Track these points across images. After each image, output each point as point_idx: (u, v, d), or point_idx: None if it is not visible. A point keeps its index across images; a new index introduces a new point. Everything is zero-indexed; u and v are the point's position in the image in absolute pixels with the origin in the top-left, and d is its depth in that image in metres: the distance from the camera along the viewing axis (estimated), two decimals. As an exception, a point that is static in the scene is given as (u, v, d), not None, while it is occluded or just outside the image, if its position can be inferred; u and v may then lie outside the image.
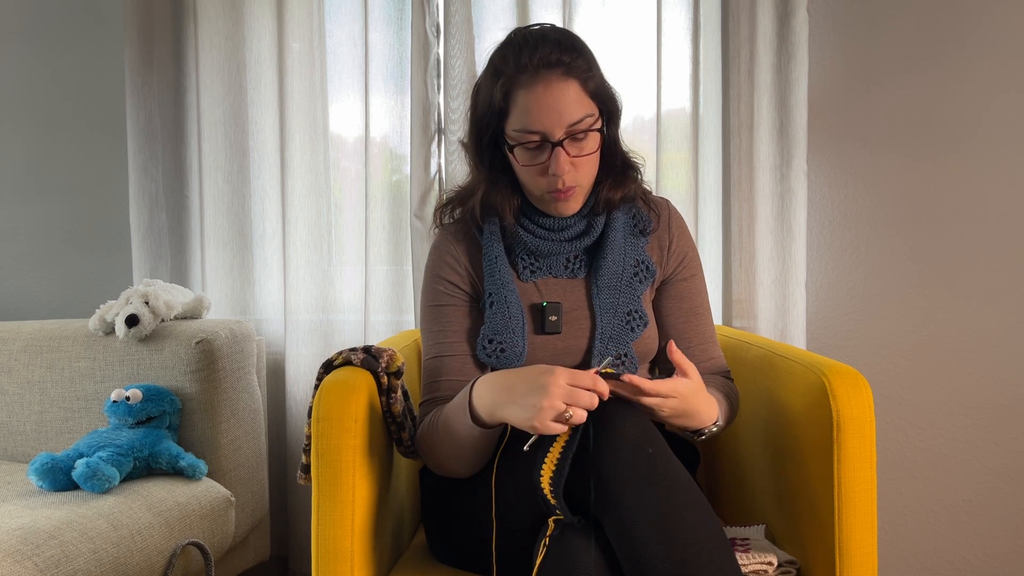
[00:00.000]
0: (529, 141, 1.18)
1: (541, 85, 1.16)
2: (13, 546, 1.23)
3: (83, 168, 2.17)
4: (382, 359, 1.19)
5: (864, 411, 1.11)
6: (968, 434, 1.84)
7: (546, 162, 1.18)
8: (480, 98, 1.25)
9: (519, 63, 1.17)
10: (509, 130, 1.20)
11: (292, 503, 2.00)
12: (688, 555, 0.95)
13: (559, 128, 1.16)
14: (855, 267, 1.86)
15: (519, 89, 1.17)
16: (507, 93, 1.18)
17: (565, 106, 1.16)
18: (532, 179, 1.22)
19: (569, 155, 1.18)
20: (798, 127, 1.76)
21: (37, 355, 1.82)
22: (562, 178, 1.18)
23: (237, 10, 1.96)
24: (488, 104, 1.21)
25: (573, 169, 1.19)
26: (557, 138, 1.17)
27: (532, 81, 1.16)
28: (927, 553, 1.87)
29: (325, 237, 2.00)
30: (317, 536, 1.11)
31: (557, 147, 1.17)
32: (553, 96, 1.16)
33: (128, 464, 1.55)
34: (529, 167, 1.20)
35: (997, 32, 1.78)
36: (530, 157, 1.20)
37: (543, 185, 1.21)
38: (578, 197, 1.24)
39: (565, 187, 1.20)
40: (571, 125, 1.17)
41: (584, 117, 1.17)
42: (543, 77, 1.16)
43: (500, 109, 1.19)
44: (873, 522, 1.11)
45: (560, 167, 1.17)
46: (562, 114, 1.16)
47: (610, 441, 1.02)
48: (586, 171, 1.22)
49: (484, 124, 1.24)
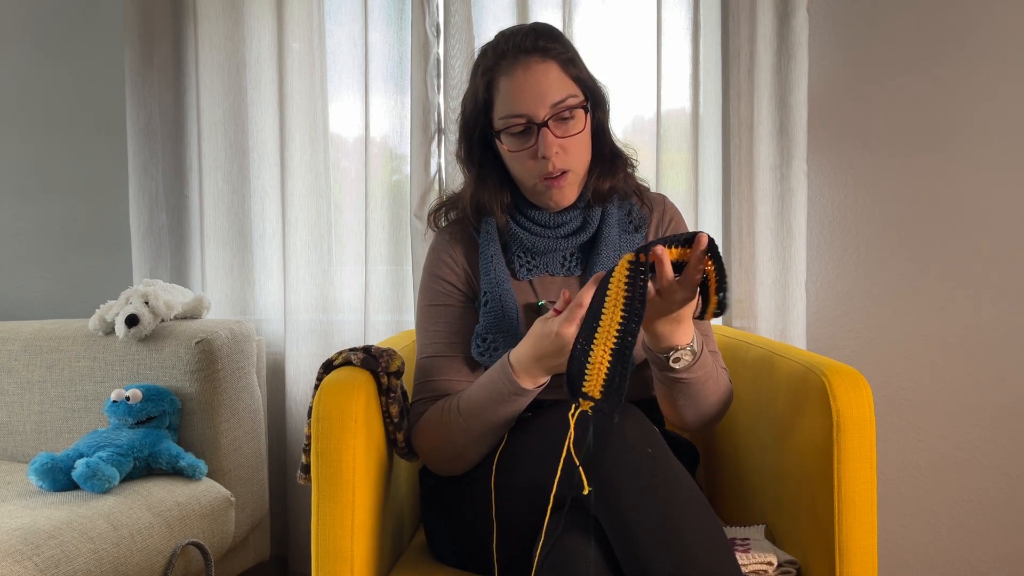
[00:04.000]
0: (514, 125, 1.19)
1: (520, 68, 1.19)
2: (13, 546, 1.23)
3: (83, 168, 2.17)
4: (382, 359, 1.19)
5: (864, 411, 1.11)
6: (968, 434, 1.84)
7: (534, 145, 1.19)
8: (466, 99, 1.28)
9: (497, 52, 1.21)
10: (495, 120, 1.22)
11: (292, 503, 2.00)
12: (688, 555, 0.95)
13: (542, 108, 1.18)
14: (855, 267, 1.86)
15: (500, 77, 1.20)
16: (489, 83, 1.21)
17: (547, 86, 1.18)
18: (523, 166, 1.22)
19: (556, 136, 1.19)
20: (798, 127, 1.76)
21: (37, 355, 1.82)
22: (551, 160, 1.19)
23: (237, 10, 1.96)
24: (473, 100, 1.24)
25: (562, 152, 1.20)
26: (542, 118, 1.18)
27: (511, 66, 1.19)
28: (927, 553, 1.87)
29: (325, 237, 2.00)
30: (317, 536, 1.11)
31: (543, 127, 1.18)
32: (534, 78, 1.18)
33: (128, 464, 1.55)
34: (518, 153, 1.21)
35: (997, 32, 1.78)
36: (518, 143, 1.21)
37: (534, 171, 1.21)
38: (572, 184, 1.24)
39: (556, 170, 1.20)
40: (554, 104, 1.18)
41: (567, 97, 1.19)
42: (521, 61, 1.19)
43: (484, 101, 1.22)
44: (873, 522, 1.11)
45: (548, 147, 1.18)
46: (544, 94, 1.18)
47: (610, 441, 1.02)
48: (576, 155, 1.22)
49: (472, 122, 1.26)
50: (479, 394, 1.16)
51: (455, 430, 1.17)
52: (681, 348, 1.12)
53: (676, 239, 1.02)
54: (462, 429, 1.16)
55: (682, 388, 1.16)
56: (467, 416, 1.16)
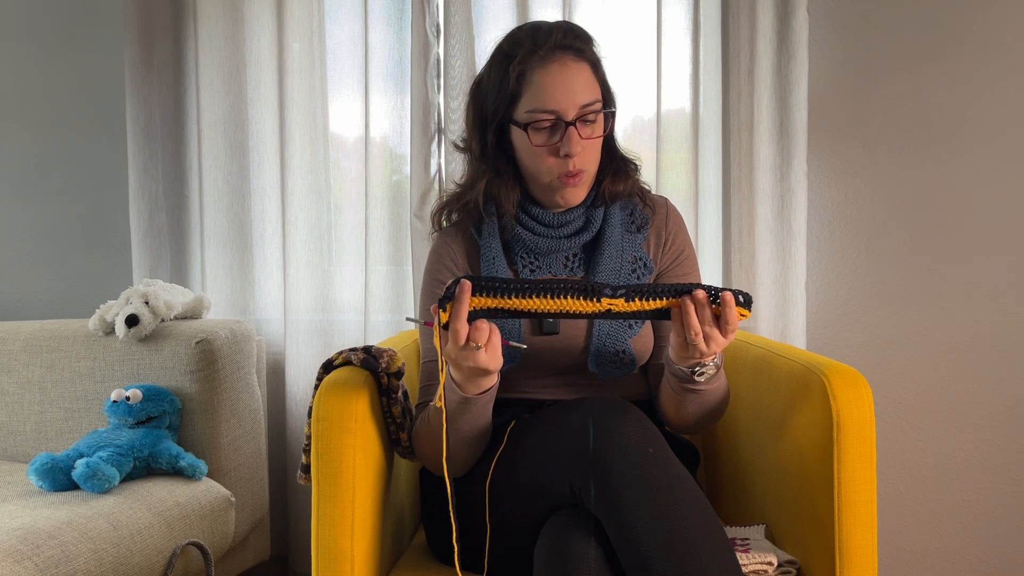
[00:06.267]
0: (542, 120, 1.20)
1: (557, 64, 1.19)
2: (13, 546, 1.23)
3: (83, 168, 2.17)
4: (382, 359, 1.19)
5: (864, 411, 1.11)
6: (968, 434, 1.84)
7: (557, 143, 1.20)
8: (486, 87, 1.26)
9: (535, 43, 1.20)
10: (520, 112, 1.21)
11: (292, 503, 2.00)
12: (688, 555, 0.95)
13: (573, 108, 1.19)
14: (855, 267, 1.86)
15: (534, 69, 1.19)
16: (521, 74, 1.20)
17: (580, 86, 1.19)
18: (541, 162, 1.22)
19: (581, 136, 1.19)
20: (798, 127, 1.76)
21: (37, 355, 1.81)
22: (573, 159, 1.20)
23: (237, 10, 1.96)
24: (498, 89, 1.23)
25: (583, 152, 1.21)
26: (570, 118, 1.19)
27: (547, 61, 1.19)
28: (927, 553, 1.87)
29: (325, 237, 2.00)
30: (317, 536, 1.11)
31: (570, 127, 1.19)
32: (569, 75, 1.19)
33: (128, 464, 1.55)
34: (541, 147, 1.21)
35: (996, 31, 1.78)
36: (543, 138, 1.21)
37: (553, 168, 1.22)
38: (584, 184, 1.25)
39: (575, 169, 1.21)
40: (584, 106, 1.19)
41: (595, 101, 1.21)
42: (558, 57, 1.19)
43: (512, 92, 1.21)
44: (873, 522, 1.11)
45: (573, 147, 1.19)
46: (576, 94, 1.19)
47: (610, 441, 1.02)
48: (592, 157, 1.24)
49: (491, 112, 1.25)
50: (446, 405, 1.15)
51: (436, 436, 1.17)
52: (706, 364, 1.12)
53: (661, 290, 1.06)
54: (439, 436, 1.16)
55: (695, 396, 1.17)
56: (438, 425, 1.16)
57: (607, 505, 1.00)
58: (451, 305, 1.02)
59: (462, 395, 1.10)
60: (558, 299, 1.04)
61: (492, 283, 1.03)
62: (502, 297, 1.03)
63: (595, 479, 1.01)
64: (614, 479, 1.00)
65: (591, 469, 1.01)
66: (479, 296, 1.03)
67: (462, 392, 1.09)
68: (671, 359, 1.14)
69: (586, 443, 1.02)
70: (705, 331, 1.05)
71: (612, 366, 1.25)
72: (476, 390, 1.10)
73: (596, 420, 1.03)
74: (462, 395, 1.10)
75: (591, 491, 1.01)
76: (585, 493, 1.02)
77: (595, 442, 1.02)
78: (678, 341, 1.09)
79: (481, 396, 1.10)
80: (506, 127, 1.25)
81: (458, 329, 1.02)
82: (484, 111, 1.27)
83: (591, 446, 1.02)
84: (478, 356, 1.03)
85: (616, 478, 1.00)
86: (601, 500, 1.00)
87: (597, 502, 1.00)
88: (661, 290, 1.06)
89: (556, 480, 1.06)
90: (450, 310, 1.02)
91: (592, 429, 1.02)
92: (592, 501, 1.01)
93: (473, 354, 1.03)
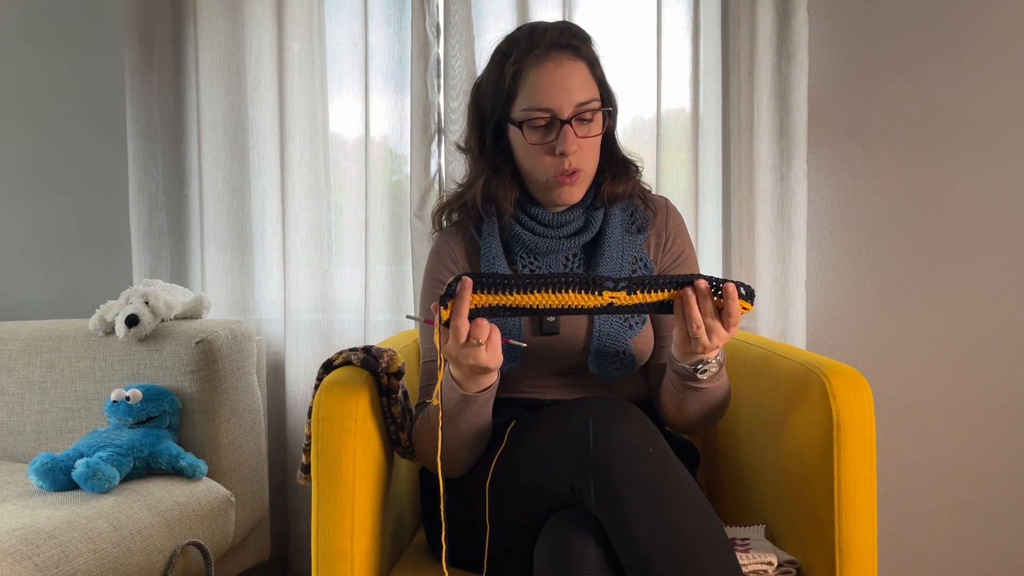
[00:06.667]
0: (538, 118, 1.20)
1: (552, 63, 1.19)
2: (13, 546, 1.23)
3: (83, 168, 2.17)
4: (382, 359, 1.19)
5: (864, 411, 1.11)
6: (968, 434, 1.84)
7: (553, 141, 1.20)
8: (484, 86, 1.27)
9: (531, 42, 1.20)
10: (516, 111, 1.22)
11: (292, 503, 2.00)
12: (688, 555, 0.96)
13: (568, 106, 1.19)
14: (855, 267, 1.86)
15: (530, 68, 1.20)
16: (517, 72, 1.21)
17: (575, 85, 1.19)
18: (537, 161, 1.22)
19: (576, 135, 1.19)
20: (798, 127, 1.76)
21: (37, 355, 1.81)
22: (568, 158, 1.20)
23: (237, 10, 1.96)
24: (495, 88, 1.23)
25: (579, 151, 1.21)
26: (566, 116, 1.19)
27: (543, 60, 1.19)
28: (927, 553, 1.87)
29: (325, 237, 2.00)
30: (317, 536, 1.11)
31: (565, 125, 1.19)
32: (564, 74, 1.19)
33: (128, 464, 1.55)
34: (536, 146, 1.21)
35: (996, 31, 1.78)
36: (538, 136, 1.21)
37: (549, 167, 1.22)
38: (582, 183, 1.25)
39: (571, 168, 1.21)
40: (579, 105, 1.19)
41: (591, 99, 1.21)
42: (554, 56, 1.20)
43: (508, 91, 1.21)
44: (873, 522, 1.11)
45: (568, 145, 1.19)
46: (572, 92, 1.19)
47: (610, 441, 1.02)
48: (589, 156, 1.24)
49: (489, 111, 1.25)
50: (444, 404, 1.15)
51: (436, 436, 1.17)
52: (709, 361, 1.12)
53: (660, 282, 1.05)
54: (433, 434, 1.16)
55: (697, 395, 1.17)
56: (438, 424, 1.16)
57: (607, 505, 1.00)
58: (452, 302, 1.02)
59: (462, 393, 1.10)
60: (560, 293, 1.04)
61: (493, 279, 1.03)
62: (503, 293, 1.03)
63: (595, 479, 1.01)
64: (614, 479, 1.00)
65: (591, 469, 1.01)
66: (480, 293, 1.03)
67: (462, 390, 1.09)
68: (674, 356, 1.14)
69: (586, 443, 1.02)
70: (707, 323, 1.05)
71: (612, 366, 1.25)
72: (476, 388, 1.10)
73: (596, 420, 1.03)
74: (462, 393, 1.10)
75: (591, 491, 1.01)
76: (585, 493, 1.02)
77: (595, 442, 1.02)
78: (681, 336, 1.09)
79: (481, 394, 1.10)
80: (503, 126, 1.25)
81: (459, 326, 1.02)
82: (483, 110, 1.27)
83: (591, 446, 1.02)
84: (478, 353, 1.03)
85: (616, 478, 1.00)
86: (601, 500, 1.00)
87: (597, 502, 1.00)
88: (663, 282, 1.06)
89: (556, 480, 1.06)
90: (451, 307, 1.02)
91: (592, 429, 1.02)
92: (592, 501, 1.01)
93: (473, 351, 1.03)
